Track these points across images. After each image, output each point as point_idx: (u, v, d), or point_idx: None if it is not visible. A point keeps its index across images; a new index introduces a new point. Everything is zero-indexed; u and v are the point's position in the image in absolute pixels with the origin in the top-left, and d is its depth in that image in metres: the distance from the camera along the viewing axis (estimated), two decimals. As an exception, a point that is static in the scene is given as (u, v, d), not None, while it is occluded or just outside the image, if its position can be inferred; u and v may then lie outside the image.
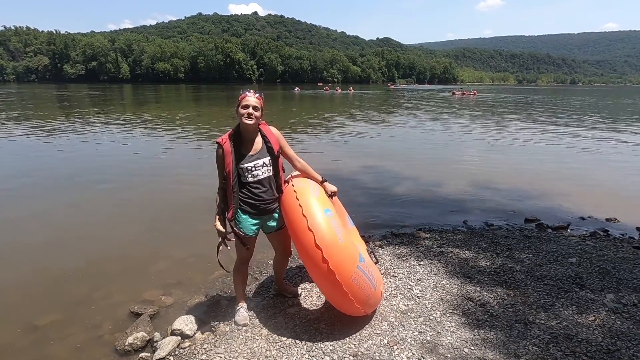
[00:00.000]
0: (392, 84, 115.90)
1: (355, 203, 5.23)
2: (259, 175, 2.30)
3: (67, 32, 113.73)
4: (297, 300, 2.76)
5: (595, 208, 5.15)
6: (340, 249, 2.18)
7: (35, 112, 18.79)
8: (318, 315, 2.57)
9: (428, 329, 2.39)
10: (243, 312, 2.54)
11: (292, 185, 2.40)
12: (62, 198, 5.53)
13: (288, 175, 2.56)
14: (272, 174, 2.35)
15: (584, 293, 2.82)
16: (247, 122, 2.19)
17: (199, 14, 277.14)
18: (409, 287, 2.92)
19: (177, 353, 2.28)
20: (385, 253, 3.59)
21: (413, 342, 2.27)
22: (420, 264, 3.32)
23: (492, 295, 2.78)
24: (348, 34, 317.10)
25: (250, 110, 2.18)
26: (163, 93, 42.50)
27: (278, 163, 2.36)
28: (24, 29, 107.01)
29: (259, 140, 2.31)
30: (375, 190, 5.99)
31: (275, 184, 2.38)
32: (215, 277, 3.26)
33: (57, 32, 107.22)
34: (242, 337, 2.37)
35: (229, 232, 2.36)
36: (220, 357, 2.20)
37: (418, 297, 2.77)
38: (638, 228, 4.53)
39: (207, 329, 2.48)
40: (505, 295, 2.78)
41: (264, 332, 2.42)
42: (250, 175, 2.28)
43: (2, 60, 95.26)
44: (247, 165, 2.26)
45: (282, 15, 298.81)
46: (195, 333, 2.45)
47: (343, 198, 2.89)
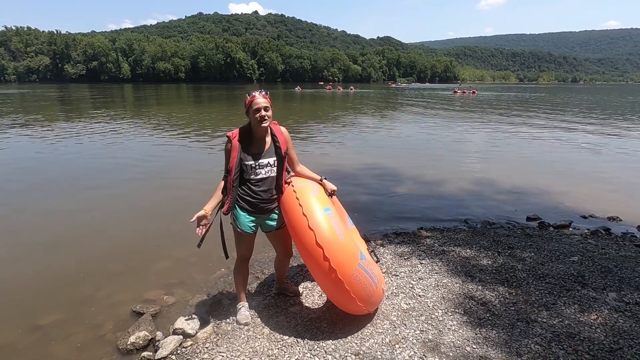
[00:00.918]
0: (393, 83, 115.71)
1: (357, 202, 5.24)
2: (262, 174, 2.31)
3: (67, 32, 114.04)
4: (298, 299, 2.77)
5: (597, 206, 5.14)
6: (341, 247, 2.19)
7: (38, 113, 18.82)
8: (320, 314, 2.57)
9: (430, 328, 2.39)
10: (244, 311, 2.54)
11: (292, 186, 2.41)
12: (64, 198, 5.54)
13: (288, 176, 2.56)
14: (275, 175, 2.35)
15: (586, 291, 2.81)
16: (264, 125, 2.21)
17: (200, 14, 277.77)
18: (411, 285, 2.92)
19: (179, 352, 2.28)
20: (387, 252, 3.59)
21: (415, 340, 2.27)
22: (422, 263, 3.32)
23: (493, 294, 2.78)
24: (349, 33, 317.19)
25: (263, 113, 2.18)
26: (164, 93, 42.51)
27: (283, 164, 2.36)
28: (25, 29, 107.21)
29: (269, 140, 2.32)
30: (377, 189, 5.99)
31: (277, 184, 2.38)
32: (217, 276, 3.27)
33: (57, 32, 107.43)
34: (243, 336, 2.37)
35: (208, 222, 2.25)
36: (222, 356, 2.20)
37: (420, 295, 2.77)
38: (640, 226, 4.51)
39: (208, 328, 2.47)
40: (507, 294, 2.78)
41: (266, 331, 2.42)
42: (253, 173, 2.29)
43: (3, 61, 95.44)
44: (251, 163, 2.27)
45: (282, 15, 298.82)
46: (197, 332, 2.45)
47: (344, 197, 2.90)
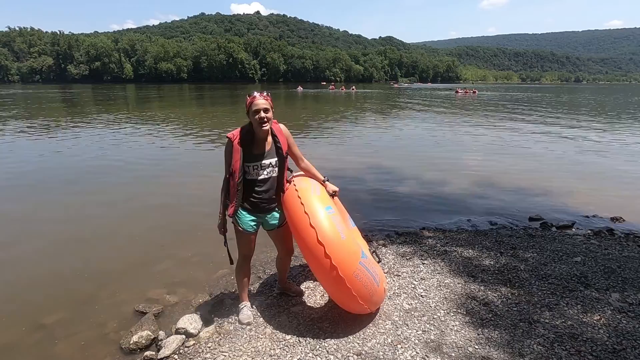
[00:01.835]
0: (395, 83, 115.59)
1: (359, 202, 5.23)
2: (264, 175, 2.31)
3: (70, 32, 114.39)
4: (300, 299, 2.77)
5: (600, 207, 5.12)
6: (343, 245, 2.20)
7: (43, 112, 18.90)
8: (322, 314, 2.57)
9: (432, 328, 2.38)
10: (247, 310, 2.55)
11: (293, 185, 2.42)
12: (66, 198, 5.56)
13: (290, 175, 2.57)
14: (276, 175, 2.36)
15: (589, 292, 2.80)
16: (264, 128, 2.20)
17: (202, 14, 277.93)
18: (413, 286, 2.92)
19: (181, 352, 2.29)
20: (389, 252, 3.59)
21: (417, 341, 2.27)
22: (424, 263, 3.31)
23: (496, 294, 2.77)
24: (350, 33, 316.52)
25: (262, 115, 2.17)
26: (166, 93, 42.61)
27: (284, 164, 2.37)
28: (28, 30, 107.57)
29: (270, 140, 2.32)
30: (379, 189, 5.98)
31: (278, 184, 2.39)
32: (219, 275, 3.27)
33: (60, 32, 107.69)
34: (246, 335, 2.38)
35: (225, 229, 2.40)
36: (225, 355, 2.20)
37: (422, 296, 2.77)
38: (643, 227, 4.49)
39: (211, 328, 2.48)
40: (510, 294, 2.77)
41: (268, 330, 2.42)
42: (255, 174, 2.30)
43: (6, 61, 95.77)
44: (253, 164, 2.27)
45: (284, 15, 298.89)
46: (200, 332, 2.46)
47: (346, 197, 2.90)
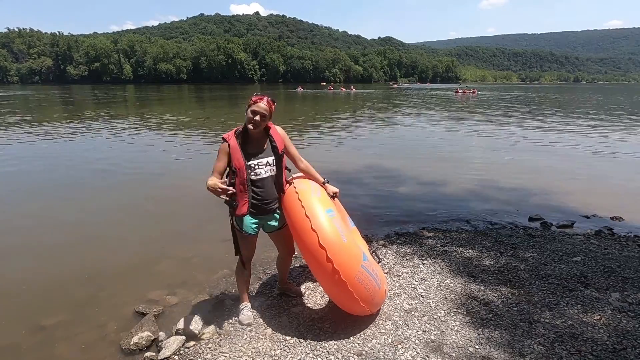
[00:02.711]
0: (395, 83, 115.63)
1: (358, 202, 5.24)
2: (262, 174, 2.31)
3: (70, 33, 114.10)
4: (301, 300, 2.77)
5: (600, 206, 5.12)
6: (344, 248, 2.19)
7: (43, 114, 18.89)
8: (322, 315, 2.57)
9: (432, 328, 2.38)
10: (247, 311, 2.55)
11: (293, 187, 2.41)
12: (67, 199, 5.55)
13: (290, 176, 2.56)
14: (275, 174, 2.36)
15: (589, 292, 2.80)
16: (250, 128, 2.21)
17: (201, 15, 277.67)
18: (413, 286, 2.92)
19: (182, 352, 2.29)
20: (389, 252, 3.59)
21: (417, 341, 2.27)
22: (424, 263, 3.31)
23: (496, 294, 2.77)
24: (350, 33, 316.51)
25: (257, 118, 2.19)
26: (166, 94, 42.60)
27: (282, 163, 2.37)
28: (28, 31, 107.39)
29: (265, 139, 2.33)
30: (378, 190, 5.99)
31: (277, 184, 2.39)
32: (219, 276, 3.27)
33: (60, 33, 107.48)
34: (246, 336, 2.38)
35: (224, 185, 2.16)
36: (225, 356, 2.20)
37: (422, 296, 2.77)
38: (643, 226, 4.50)
39: (211, 329, 2.48)
40: (510, 294, 2.77)
41: (268, 331, 2.42)
42: (253, 173, 2.29)
43: (6, 62, 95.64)
44: (250, 163, 2.27)
45: (283, 15, 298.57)
46: (200, 332, 2.45)
47: (346, 197, 2.90)
